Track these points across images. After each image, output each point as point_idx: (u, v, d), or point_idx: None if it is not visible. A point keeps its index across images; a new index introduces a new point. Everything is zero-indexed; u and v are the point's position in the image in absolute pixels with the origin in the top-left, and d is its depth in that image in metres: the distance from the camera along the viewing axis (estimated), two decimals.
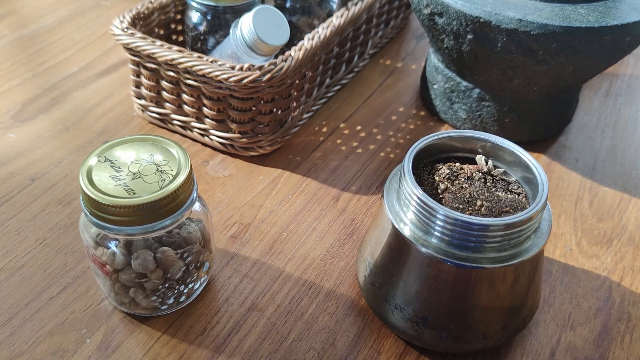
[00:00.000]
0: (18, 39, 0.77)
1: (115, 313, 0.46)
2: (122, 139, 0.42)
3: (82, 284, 0.47)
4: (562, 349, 0.45)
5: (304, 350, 0.44)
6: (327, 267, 0.50)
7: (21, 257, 0.49)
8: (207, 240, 0.45)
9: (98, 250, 0.42)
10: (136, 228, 0.39)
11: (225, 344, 0.44)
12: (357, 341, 0.45)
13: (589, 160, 0.62)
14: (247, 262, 0.50)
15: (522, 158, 0.42)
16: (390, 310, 0.43)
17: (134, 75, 0.62)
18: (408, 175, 0.40)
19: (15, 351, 0.43)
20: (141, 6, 0.62)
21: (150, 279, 0.42)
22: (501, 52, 0.53)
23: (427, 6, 0.56)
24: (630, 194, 0.58)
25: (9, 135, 0.62)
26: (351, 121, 0.66)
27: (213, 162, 0.60)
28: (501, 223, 0.37)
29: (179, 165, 0.41)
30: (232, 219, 0.54)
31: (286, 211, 0.55)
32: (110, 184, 0.39)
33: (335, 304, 0.47)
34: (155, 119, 0.63)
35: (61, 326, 0.44)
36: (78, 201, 0.54)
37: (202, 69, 0.54)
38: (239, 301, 0.47)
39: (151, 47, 0.56)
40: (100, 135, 0.62)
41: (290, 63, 0.55)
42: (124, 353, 0.43)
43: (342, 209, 0.55)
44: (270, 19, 0.56)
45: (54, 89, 0.68)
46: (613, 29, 0.51)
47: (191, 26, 0.62)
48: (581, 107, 0.69)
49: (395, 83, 0.72)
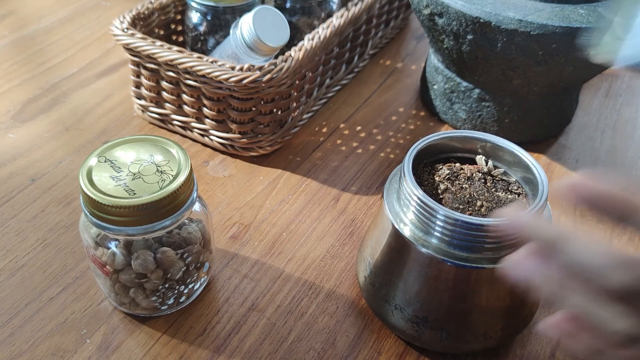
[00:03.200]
0: (18, 40, 0.77)
1: (115, 313, 0.46)
2: (122, 139, 0.42)
3: (82, 284, 0.47)
4: (562, 348, 0.45)
5: (304, 351, 0.44)
6: (327, 267, 0.50)
7: (21, 258, 0.49)
8: (207, 241, 0.45)
9: (98, 251, 0.42)
10: (136, 228, 0.39)
11: (226, 344, 0.44)
12: (357, 341, 0.45)
13: (589, 161, 0.62)
14: (247, 262, 0.50)
15: (522, 158, 0.42)
16: (390, 310, 0.43)
17: (134, 76, 0.62)
18: (408, 175, 0.40)
19: (15, 351, 0.43)
20: (141, 6, 0.62)
21: (150, 280, 0.42)
22: (501, 52, 0.53)
23: (427, 6, 0.56)
24: None
25: (9, 135, 0.62)
26: (351, 121, 0.66)
27: (213, 162, 0.60)
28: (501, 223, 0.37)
29: (179, 165, 0.41)
30: (232, 220, 0.54)
31: (286, 211, 0.55)
32: (110, 184, 0.39)
33: (335, 304, 0.47)
34: (155, 120, 0.63)
35: (61, 326, 0.44)
36: (78, 201, 0.54)
37: (202, 69, 0.54)
38: (239, 301, 0.47)
39: (151, 47, 0.56)
40: (101, 136, 0.62)
41: (290, 63, 0.55)
42: (124, 353, 0.43)
43: (342, 209, 0.55)
44: (270, 20, 0.56)
45: (54, 89, 0.68)
46: None
47: (191, 26, 0.62)
48: (581, 107, 0.69)
49: (395, 83, 0.72)
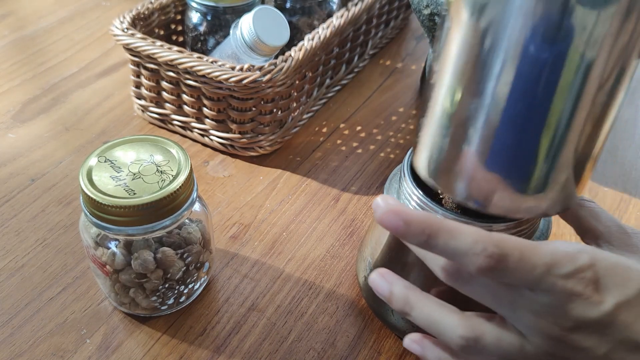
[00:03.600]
0: (18, 40, 0.77)
1: (115, 313, 0.46)
2: (122, 139, 0.42)
3: (82, 284, 0.47)
4: None
5: (304, 351, 0.44)
6: (327, 267, 0.50)
7: (21, 258, 0.49)
8: (207, 241, 0.45)
9: (98, 251, 0.42)
10: (136, 228, 0.39)
11: (226, 345, 0.44)
12: (357, 341, 0.45)
13: None
14: (247, 262, 0.50)
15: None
16: (390, 310, 0.43)
17: (134, 76, 0.62)
18: (408, 175, 0.40)
19: (15, 351, 0.43)
20: (141, 7, 0.62)
21: (150, 279, 0.42)
22: None
23: (427, 7, 0.56)
24: (630, 194, 0.58)
25: (9, 135, 0.62)
26: (351, 121, 0.66)
27: (213, 162, 0.60)
28: (501, 223, 0.37)
29: (179, 165, 0.41)
30: (232, 220, 0.54)
31: (286, 211, 0.55)
32: (111, 184, 0.39)
33: (335, 304, 0.47)
34: (155, 120, 0.63)
35: (61, 326, 0.44)
36: (78, 201, 0.54)
37: (202, 69, 0.54)
38: (239, 301, 0.47)
39: (151, 47, 0.56)
40: (100, 136, 0.62)
41: (290, 63, 0.55)
42: (124, 353, 0.43)
43: (342, 209, 0.55)
44: (270, 20, 0.56)
45: (54, 89, 0.68)
46: None
47: (191, 27, 0.62)
48: None
49: (395, 83, 0.72)
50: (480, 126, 0.32)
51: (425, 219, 0.32)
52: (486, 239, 0.30)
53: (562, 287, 0.30)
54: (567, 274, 0.30)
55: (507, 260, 0.30)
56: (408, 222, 0.32)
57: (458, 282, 0.33)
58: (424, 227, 0.32)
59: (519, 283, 0.31)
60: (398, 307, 0.35)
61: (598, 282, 0.31)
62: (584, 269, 0.30)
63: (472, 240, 0.30)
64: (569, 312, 0.31)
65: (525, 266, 0.30)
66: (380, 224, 0.32)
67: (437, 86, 0.34)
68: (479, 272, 0.31)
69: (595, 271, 0.31)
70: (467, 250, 0.30)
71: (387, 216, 0.32)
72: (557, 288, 0.30)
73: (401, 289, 0.35)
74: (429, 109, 0.35)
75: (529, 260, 0.30)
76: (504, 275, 0.30)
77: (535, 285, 0.31)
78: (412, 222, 0.32)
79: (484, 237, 0.31)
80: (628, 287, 0.31)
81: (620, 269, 0.31)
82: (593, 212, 0.39)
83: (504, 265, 0.30)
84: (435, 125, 0.35)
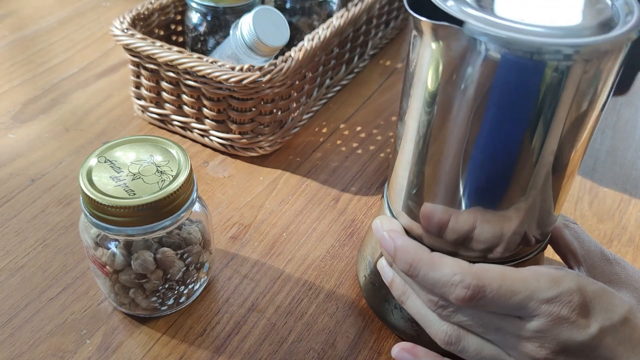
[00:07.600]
0: (18, 40, 0.77)
1: (115, 314, 0.46)
2: (122, 140, 0.42)
3: (82, 284, 0.47)
4: None
5: (304, 351, 0.44)
6: (327, 267, 0.50)
7: (21, 258, 0.49)
8: (207, 241, 0.45)
9: (98, 251, 0.42)
10: (136, 229, 0.39)
11: (225, 345, 0.44)
12: (358, 342, 0.45)
13: (588, 161, 0.62)
14: (247, 262, 0.50)
15: None
16: (391, 310, 0.43)
17: (134, 76, 0.62)
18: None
19: (15, 352, 0.43)
20: (141, 7, 0.62)
21: (150, 280, 0.42)
22: None
23: None
24: (630, 194, 0.58)
25: (9, 135, 0.62)
26: (351, 122, 0.66)
27: (213, 162, 0.60)
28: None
29: (179, 165, 0.41)
30: (232, 220, 0.54)
31: (286, 212, 0.55)
32: (110, 184, 0.39)
33: (335, 305, 0.47)
34: (155, 120, 0.63)
35: (61, 327, 0.44)
36: (78, 202, 0.54)
37: (202, 69, 0.54)
38: (239, 302, 0.47)
39: (151, 47, 0.56)
40: (100, 136, 0.62)
41: (290, 64, 0.55)
42: (123, 354, 0.43)
43: (342, 209, 0.55)
44: (270, 20, 0.56)
45: (54, 89, 0.68)
46: None
47: (191, 27, 0.62)
48: None
49: (395, 84, 0.72)
50: (442, 171, 0.34)
51: (411, 249, 0.34)
52: (465, 271, 0.32)
53: (547, 311, 0.31)
54: (551, 298, 0.31)
55: (484, 290, 0.31)
56: (395, 249, 0.35)
57: (445, 312, 0.35)
58: (406, 258, 0.34)
59: (501, 311, 0.32)
60: (397, 294, 0.38)
61: (584, 306, 0.32)
62: (569, 292, 0.31)
63: (451, 272, 0.32)
64: (555, 336, 0.31)
65: (505, 294, 0.31)
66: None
67: (404, 129, 0.36)
68: (459, 302, 0.32)
69: (581, 296, 0.31)
70: (446, 281, 0.32)
71: (382, 241, 0.37)
72: (541, 312, 0.31)
73: (402, 279, 0.38)
74: (398, 149, 0.37)
75: (509, 288, 0.31)
76: (484, 304, 0.32)
77: (518, 311, 0.32)
78: (397, 251, 0.34)
79: (464, 269, 0.32)
80: (613, 312, 0.32)
81: (605, 296, 0.32)
82: (576, 235, 0.39)
83: (482, 295, 0.31)
84: (403, 165, 0.37)
